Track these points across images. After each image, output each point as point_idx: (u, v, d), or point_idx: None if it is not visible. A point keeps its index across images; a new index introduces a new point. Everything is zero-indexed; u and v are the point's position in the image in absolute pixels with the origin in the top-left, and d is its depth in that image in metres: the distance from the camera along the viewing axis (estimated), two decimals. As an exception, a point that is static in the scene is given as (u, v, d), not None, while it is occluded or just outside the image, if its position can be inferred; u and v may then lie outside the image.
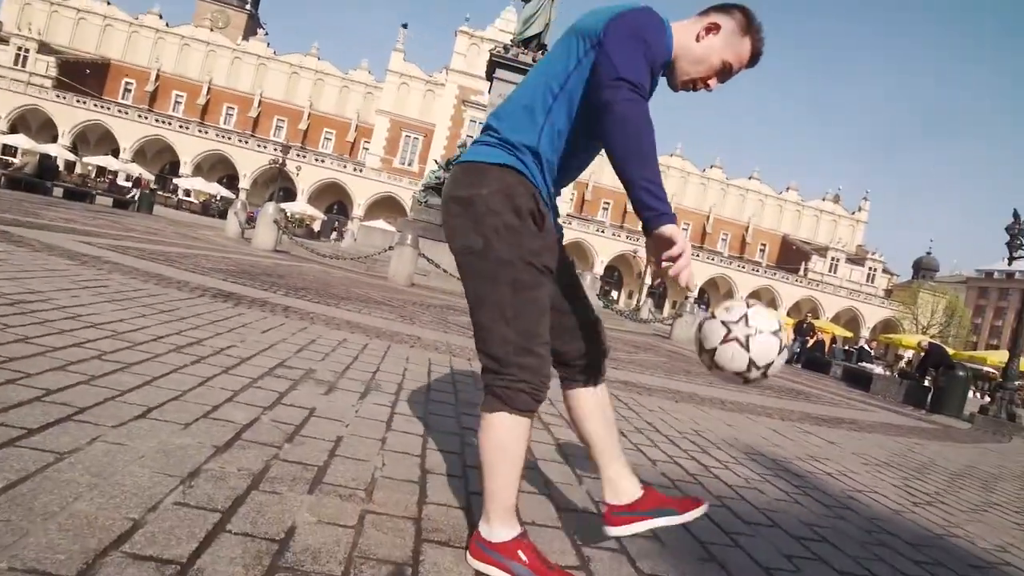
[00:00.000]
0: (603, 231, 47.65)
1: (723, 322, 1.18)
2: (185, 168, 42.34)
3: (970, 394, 14.70)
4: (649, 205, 1.05)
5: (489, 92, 16.74)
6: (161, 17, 49.83)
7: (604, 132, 1.11)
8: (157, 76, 48.61)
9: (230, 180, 44.36)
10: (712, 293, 49.88)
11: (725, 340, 1.17)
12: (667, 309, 42.42)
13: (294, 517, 1.25)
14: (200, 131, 43.79)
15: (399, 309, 5.88)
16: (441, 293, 9.79)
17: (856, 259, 54.22)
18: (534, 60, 16.35)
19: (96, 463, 1.28)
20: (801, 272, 51.49)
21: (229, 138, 44.39)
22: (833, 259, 52.69)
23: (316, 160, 44.82)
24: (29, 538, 0.97)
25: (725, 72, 1.29)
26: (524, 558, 1.16)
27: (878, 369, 15.62)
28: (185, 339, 2.58)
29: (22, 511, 1.04)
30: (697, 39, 1.26)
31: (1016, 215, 9.44)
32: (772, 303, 46.64)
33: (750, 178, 56.52)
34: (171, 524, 1.11)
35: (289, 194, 41.41)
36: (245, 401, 1.94)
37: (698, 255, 48.04)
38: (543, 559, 1.19)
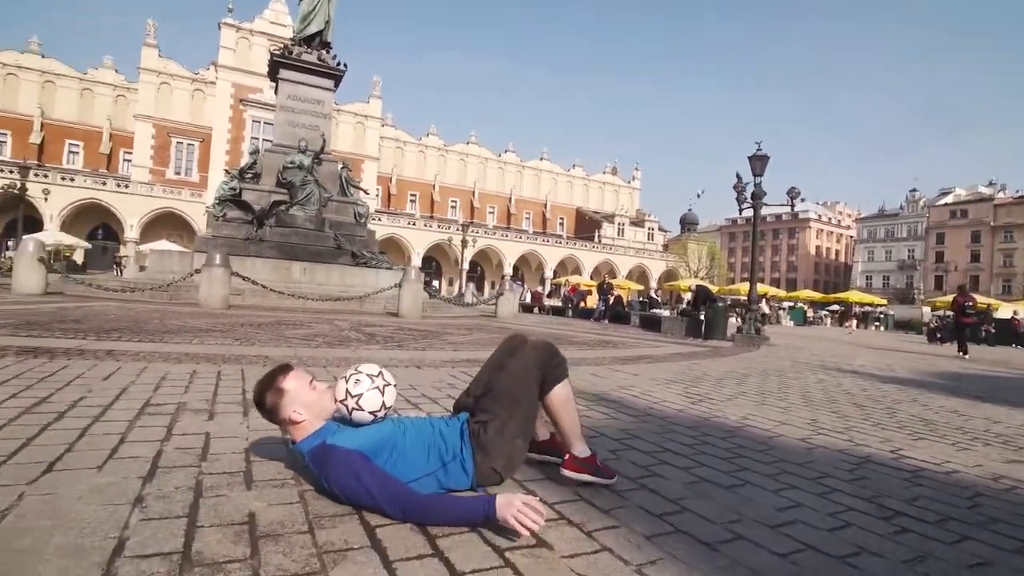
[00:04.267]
0: (414, 223, 47.86)
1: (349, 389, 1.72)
2: None
3: (734, 319, 18.40)
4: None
5: (276, 93, 15.91)
6: None
7: None
8: None
9: (-64, 215, 35.28)
10: (524, 268, 53.48)
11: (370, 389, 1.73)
12: (487, 290, 44.48)
13: (248, 506, 1.52)
14: None
15: (231, 333, 5.68)
16: (263, 310, 9.39)
17: (637, 221, 62.37)
18: (319, 59, 15.95)
19: (42, 511, 1.40)
20: (596, 239, 57.68)
21: (-73, 163, 35.08)
22: (619, 224, 59.94)
23: (63, 179, 37.56)
24: (37, 567, 1.14)
25: None
26: (600, 464, 1.91)
27: (665, 312, 18.58)
28: (28, 400, 2.46)
29: (8, 554, 1.18)
30: None
31: (738, 176, 12.06)
32: (577, 270, 51.73)
33: (541, 159, 61.21)
34: (151, 532, 1.33)
35: (33, 223, 34.24)
36: (138, 439, 2.03)
37: (507, 235, 51.03)
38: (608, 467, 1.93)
